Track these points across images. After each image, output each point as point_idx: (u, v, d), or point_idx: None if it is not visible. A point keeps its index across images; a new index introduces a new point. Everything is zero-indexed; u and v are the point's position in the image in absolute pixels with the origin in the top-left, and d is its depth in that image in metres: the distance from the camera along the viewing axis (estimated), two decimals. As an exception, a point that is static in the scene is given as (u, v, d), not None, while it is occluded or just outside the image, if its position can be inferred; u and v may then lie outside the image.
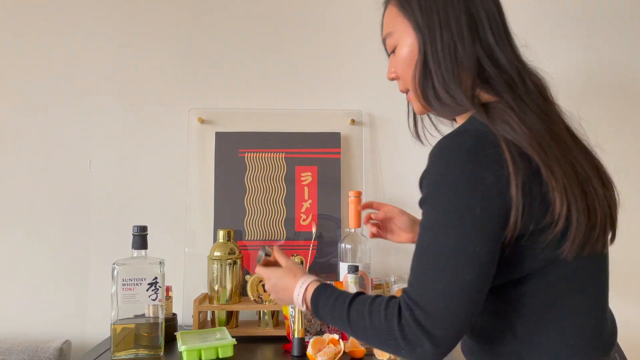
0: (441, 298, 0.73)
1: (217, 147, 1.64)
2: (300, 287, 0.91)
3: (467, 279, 0.73)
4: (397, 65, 0.92)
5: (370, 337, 0.80)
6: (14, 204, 1.63)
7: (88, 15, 1.67)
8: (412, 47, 0.87)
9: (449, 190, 0.74)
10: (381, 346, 0.80)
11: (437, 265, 0.74)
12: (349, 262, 1.43)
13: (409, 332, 0.74)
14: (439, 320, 0.73)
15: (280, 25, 1.69)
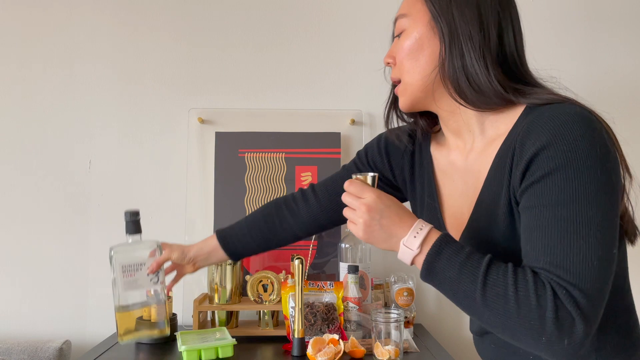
0: (597, 275, 0.67)
1: (217, 147, 1.64)
2: (419, 225, 0.76)
3: (615, 252, 0.69)
4: (398, 51, 0.87)
5: (505, 313, 0.68)
6: (14, 203, 1.63)
7: (88, 15, 1.67)
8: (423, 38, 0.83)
9: (587, 160, 0.69)
10: (516, 326, 0.68)
11: (588, 240, 0.67)
12: (349, 262, 1.43)
13: (563, 315, 0.65)
14: (596, 299, 0.67)
15: (280, 25, 1.69)
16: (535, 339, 0.67)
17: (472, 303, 0.71)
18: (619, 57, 1.70)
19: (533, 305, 0.67)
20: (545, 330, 0.66)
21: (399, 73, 0.88)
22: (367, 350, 1.25)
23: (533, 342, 0.68)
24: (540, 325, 0.66)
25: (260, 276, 1.42)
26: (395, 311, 1.24)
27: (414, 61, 0.84)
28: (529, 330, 0.67)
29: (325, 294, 1.37)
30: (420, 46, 0.83)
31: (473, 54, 0.79)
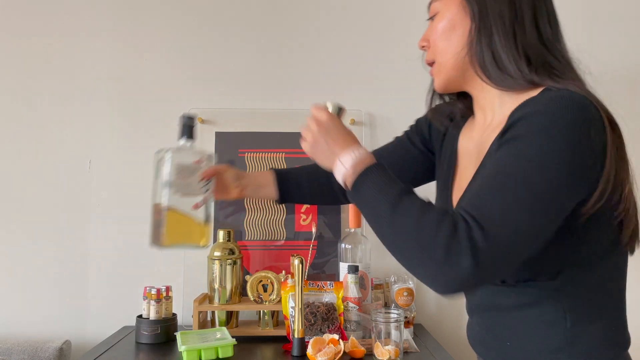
0: (509, 229, 0.67)
1: (217, 147, 1.64)
2: (358, 149, 0.82)
3: (543, 223, 0.69)
4: (432, 33, 0.89)
5: (407, 229, 0.70)
6: (14, 203, 1.63)
7: (88, 15, 1.67)
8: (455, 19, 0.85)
9: (561, 136, 0.70)
10: (412, 245, 0.70)
11: (518, 199, 0.68)
12: (349, 262, 1.43)
13: (455, 245, 0.66)
14: (497, 249, 0.67)
15: (280, 25, 1.69)
16: (423, 261, 0.69)
17: (381, 221, 0.74)
18: (618, 54, 1.70)
19: (431, 228, 0.68)
20: (434, 255, 0.67)
21: (432, 55, 0.90)
22: (367, 350, 1.25)
23: (421, 265, 0.69)
24: (430, 248, 0.68)
25: (260, 276, 1.42)
26: (395, 311, 1.24)
27: (446, 41, 0.86)
28: (420, 252, 0.69)
29: (325, 294, 1.37)
30: (452, 26, 0.85)
31: (502, 34, 0.80)
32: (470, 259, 0.66)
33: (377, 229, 0.76)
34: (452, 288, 0.69)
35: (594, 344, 0.79)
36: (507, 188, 0.69)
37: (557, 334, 0.78)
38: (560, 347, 0.78)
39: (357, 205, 0.81)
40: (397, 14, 1.70)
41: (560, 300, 0.78)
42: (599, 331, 0.79)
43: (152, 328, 1.36)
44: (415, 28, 1.70)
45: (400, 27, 1.70)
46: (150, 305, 1.39)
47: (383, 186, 0.76)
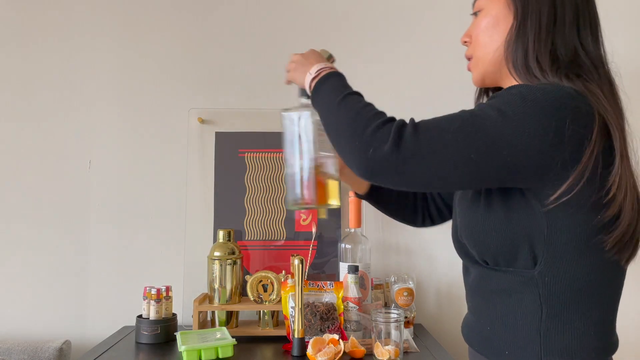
0: (438, 135, 0.74)
1: (217, 147, 1.64)
2: (327, 64, 0.96)
3: (473, 157, 0.74)
4: (475, 29, 0.91)
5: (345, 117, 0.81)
6: (14, 204, 1.63)
7: (88, 15, 1.67)
8: (498, 17, 0.87)
9: (531, 106, 0.74)
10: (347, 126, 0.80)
11: (464, 126, 0.74)
12: (349, 262, 1.43)
13: (383, 128, 0.76)
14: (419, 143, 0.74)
15: (280, 25, 1.69)
16: (352, 139, 0.78)
17: (330, 112, 0.86)
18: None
19: (369, 116, 0.80)
20: (364, 133, 0.77)
21: (472, 50, 0.93)
22: (367, 350, 1.25)
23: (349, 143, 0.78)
24: (362, 128, 0.78)
25: (260, 276, 1.42)
26: (395, 311, 1.24)
27: (488, 37, 0.89)
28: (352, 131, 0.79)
29: (325, 294, 1.37)
30: (496, 23, 0.88)
31: (536, 34, 0.83)
32: (392, 145, 0.74)
33: (325, 119, 0.87)
34: (369, 168, 0.76)
35: (569, 342, 0.78)
36: (458, 115, 0.76)
37: (531, 323, 0.79)
38: (533, 338, 0.79)
39: (316, 106, 0.91)
40: (397, 14, 1.70)
41: (537, 290, 0.79)
42: (577, 331, 0.78)
43: (152, 328, 1.36)
44: (416, 28, 1.71)
45: (400, 27, 1.70)
46: (150, 305, 1.39)
47: (339, 87, 0.89)
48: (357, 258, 1.45)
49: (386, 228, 1.65)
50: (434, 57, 1.69)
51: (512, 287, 0.81)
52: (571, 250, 0.78)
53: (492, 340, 0.84)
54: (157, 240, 1.64)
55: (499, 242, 0.80)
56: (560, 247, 0.77)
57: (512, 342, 0.80)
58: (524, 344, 0.79)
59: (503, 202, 0.80)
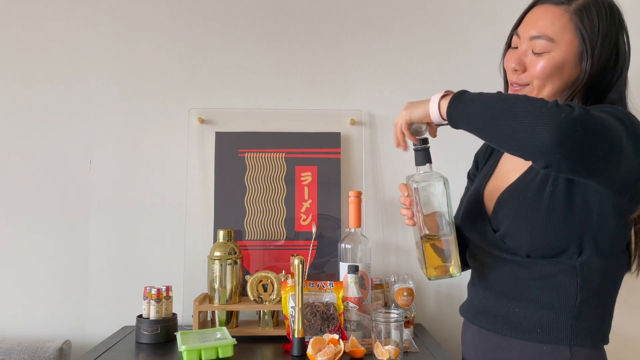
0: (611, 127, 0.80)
1: (217, 147, 1.64)
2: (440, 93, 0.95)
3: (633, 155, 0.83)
4: (536, 67, 0.95)
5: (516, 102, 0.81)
6: (14, 203, 1.63)
7: (88, 15, 1.67)
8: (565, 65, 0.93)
9: None
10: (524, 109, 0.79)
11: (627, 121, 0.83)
12: (349, 262, 1.43)
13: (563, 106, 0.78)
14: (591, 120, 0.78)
15: (280, 25, 1.69)
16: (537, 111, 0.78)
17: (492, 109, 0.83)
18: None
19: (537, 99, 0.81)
20: (546, 105, 0.78)
21: (529, 81, 0.97)
22: (367, 350, 1.25)
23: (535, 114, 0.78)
24: (541, 104, 0.78)
25: (260, 276, 1.42)
26: (395, 311, 1.24)
27: (549, 79, 0.94)
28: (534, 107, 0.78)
29: (325, 294, 1.37)
30: (561, 70, 0.93)
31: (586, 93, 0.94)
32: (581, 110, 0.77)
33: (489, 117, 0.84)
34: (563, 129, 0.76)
35: (593, 326, 0.89)
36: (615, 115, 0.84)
37: (566, 307, 0.88)
38: (565, 320, 0.88)
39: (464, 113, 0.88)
40: (397, 14, 1.70)
41: (577, 278, 0.88)
42: (598, 317, 0.90)
43: (152, 328, 1.36)
44: (416, 28, 1.71)
45: (400, 27, 1.70)
46: (150, 305, 1.39)
47: (481, 93, 0.87)
48: (357, 258, 1.45)
49: (386, 228, 1.65)
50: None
51: (552, 273, 0.90)
52: (610, 248, 0.89)
53: (522, 322, 0.91)
54: (157, 240, 1.64)
55: (554, 241, 0.88)
56: (603, 244, 0.88)
57: (546, 322, 0.89)
58: (557, 325, 0.88)
59: (565, 205, 0.88)
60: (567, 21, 0.91)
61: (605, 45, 0.91)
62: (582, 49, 0.91)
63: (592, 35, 0.90)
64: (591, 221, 0.87)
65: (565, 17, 0.91)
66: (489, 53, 1.41)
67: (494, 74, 1.17)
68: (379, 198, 1.66)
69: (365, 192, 1.64)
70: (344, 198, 1.61)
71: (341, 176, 1.64)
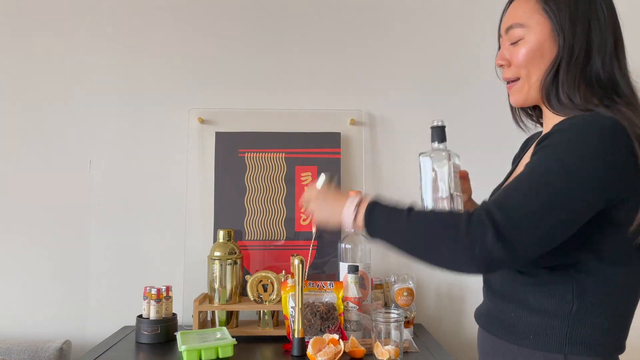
0: (525, 214, 0.76)
1: (217, 147, 1.64)
2: (354, 198, 0.93)
3: (556, 222, 0.78)
4: (516, 55, 0.94)
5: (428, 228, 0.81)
6: (15, 204, 1.63)
7: (88, 16, 1.67)
8: (541, 45, 0.91)
9: (585, 147, 0.79)
10: (437, 240, 0.79)
11: (536, 193, 0.78)
12: (349, 262, 1.43)
13: (477, 226, 0.76)
14: (515, 226, 0.75)
15: (280, 25, 1.69)
16: (451, 245, 0.78)
17: (401, 234, 0.85)
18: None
19: (449, 218, 0.81)
20: (458, 236, 0.77)
21: (515, 73, 0.96)
22: (367, 350, 1.25)
23: (450, 251, 0.78)
24: (455, 233, 0.77)
25: (260, 276, 1.42)
26: (395, 311, 1.24)
27: (533, 66, 0.93)
28: (446, 238, 0.78)
29: (325, 294, 1.37)
30: (541, 54, 0.92)
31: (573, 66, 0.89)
32: (494, 234, 0.74)
33: (400, 242, 0.85)
34: (485, 265, 0.77)
35: (592, 336, 0.85)
36: (530, 187, 0.79)
37: (562, 314, 0.85)
38: (560, 327, 0.85)
39: (380, 235, 0.88)
40: (397, 14, 1.70)
41: (572, 285, 0.85)
42: (601, 327, 0.85)
43: (152, 328, 1.36)
44: (416, 28, 1.71)
45: (400, 27, 1.70)
46: (150, 305, 1.39)
47: (392, 210, 0.87)
48: (357, 258, 1.45)
49: (386, 228, 1.65)
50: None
51: (548, 280, 0.87)
52: (609, 257, 0.85)
53: (516, 326, 0.89)
54: (157, 240, 1.64)
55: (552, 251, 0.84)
56: (601, 253, 0.85)
57: (539, 328, 0.87)
58: (551, 332, 0.86)
59: None
60: (533, 4, 0.93)
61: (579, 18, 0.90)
62: (553, 24, 0.91)
63: (558, 11, 0.90)
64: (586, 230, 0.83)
65: (531, 2, 0.94)
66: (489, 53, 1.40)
67: (493, 74, 1.17)
68: (379, 198, 1.66)
69: (365, 192, 1.64)
70: (344, 198, 1.61)
71: (341, 176, 1.64)
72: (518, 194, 0.79)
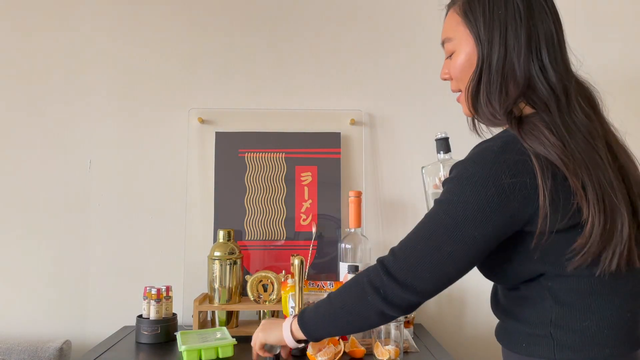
0: (414, 254, 0.85)
1: (217, 147, 1.64)
2: (289, 318, 1.04)
3: (450, 251, 0.83)
4: (452, 69, 0.96)
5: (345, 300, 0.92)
6: (14, 203, 1.63)
7: (88, 15, 1.67)
8: (469, 57, 0.92)
9: (468, 181, 0.82)
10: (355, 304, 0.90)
11: (424, 233, 0.85)
12: (349, 262, 1.43)
13: (373, 274, 0.88)
14: (402, 263, 0.86)
15: (279, 25, 1.69)
16: (363, 301, 0.88)
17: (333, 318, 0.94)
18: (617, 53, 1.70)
19: (353, 281, 0.92)
20: (365, 289, 0.88)
21: (457, 86, 0.97)
22: (367, 350, 1.25)
23: (364, 307, 0.89)
24: (362, 291, 0.89)
25: (260, 276, 1.42)
26: (395, 311, 1.24)
27: (467, 77, 0.93)
28: (358, 298, 0.89)
29: (325, 294, 1.37)
30: (470, 64, 0.92)
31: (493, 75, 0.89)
32: (390, 279, 0.85)
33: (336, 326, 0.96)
34: (396, 306, 0.87)
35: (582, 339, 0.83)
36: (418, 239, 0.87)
37: (544, 322, 0.85)
38: (546, 335, 0.85)
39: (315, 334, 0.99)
40: (396, 14, 1.70)
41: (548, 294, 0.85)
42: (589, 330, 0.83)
43: (152, 328, 1.36)
44: (416, 28, 1.71)
45: (400, 27, 1.70)
46: (150, 305, 1.39)
47: (316, 306, 0.98)
48: (357, 258, 1.45)
49: (386, 228, 1.65)
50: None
51: (526, 292, 0.88)
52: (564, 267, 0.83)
53: (512, 334, 0.91)
54: (157, 240, 1.64)
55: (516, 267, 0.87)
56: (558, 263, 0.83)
57: (528, 337, 0.88)
58: (539, 339, 0.86)
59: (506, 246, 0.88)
60: (456, 17, 0.94)
61: (494, 24, 0.88)
62: (474, 35, 0.90)
63: (475, 20, 0.90)
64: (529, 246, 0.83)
65: (454, 15, 0.95)
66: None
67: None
68: (379, 198, 1.66)
69: (365, 192, 1.64)
70: (344, 198, 1.61)
71: (341, 176, 1.64)
72: (406, 239, 0.88)
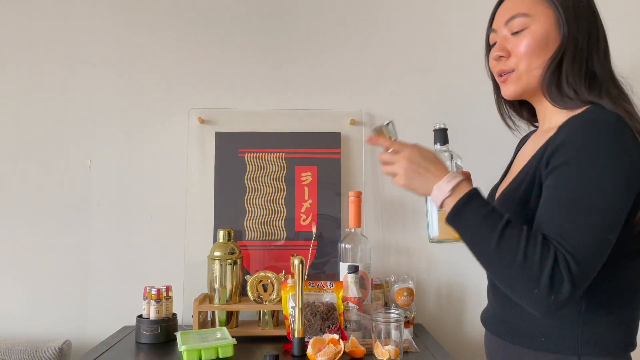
0: (592, 251, 0.78)
1: (217, 147, 1.64)
2: (453, 176, 0.89)
3: (610, 238, 0.80)
4: (520, 45, 0.92)
5: (511, 262, 0.79)
6: (14, 203, 1.63)
7: (88, 16, 1.67)
8: (548, 34, 0.90)
9: (600, 155, 0.80)
10: (517, 275, 0.79)
11: (590, 221, 0.79)
12: (349, 262, 1.43)
13: (557, 275, 0.77)
14: (587, 270, 0.78)
15: (280, 25, 1.69)
16: (529, 289, 0.78)
17: (485, 249, 0.82)
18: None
19: (536, 261, 0.78)
20: (540, 283, 0.77)
21: (513, 64, 0.94)
22: (367, 350, 1.25)
23: (526, 292, 0.79)
24: (537, 278, 0.77)
25: (260, 276, 1.42)
26: (395, 311, 1.24)
27: (536, 57, 0.91)
28: (527, 281, 0.78)
29: (325, 294, 1.37)
30: (545, 44, 0.91)
31: (577, 58, 0.89)
32: (569, 286, 0.77)
33: (480, 254, 0.84)
34: (552, 311, 0.79)
35: (604, 334, 0.85)
36: (580, 215, 0.80)
37: (572, 314, 0.85)
38: (572, 328, 0.85)
39: (456, 228, 0.87)
40: (396, 14, 1.70)
41: None
42: (611, 325, 0.85)
43: (152, 328, 1.36)
44: (415, 28, 1.71)
45: (400, 27, 1.70)
46: (150, 305, 1.39)
47: (486, 214, 0.84)
48: (357, 258, 1.45)
49: (386, 228, 1.65)
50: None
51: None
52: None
53: (525, 329, 0.89)
54: (157, 240, 1.64)
55: None
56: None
57: (550, 330, 0.86)
58: (563, 332, 0.85)
59: None
60: None
61: (582, 12, 0.90)
62: (558, 14, 0.89)
63: (564, 1, 0.90)
64: None
65: None
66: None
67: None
68: (379, 198, 1.66)
69: (365, 192, 1.64)
70: (344, 198, 1.61)
71: (341, 176, 1.64)
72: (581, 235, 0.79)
